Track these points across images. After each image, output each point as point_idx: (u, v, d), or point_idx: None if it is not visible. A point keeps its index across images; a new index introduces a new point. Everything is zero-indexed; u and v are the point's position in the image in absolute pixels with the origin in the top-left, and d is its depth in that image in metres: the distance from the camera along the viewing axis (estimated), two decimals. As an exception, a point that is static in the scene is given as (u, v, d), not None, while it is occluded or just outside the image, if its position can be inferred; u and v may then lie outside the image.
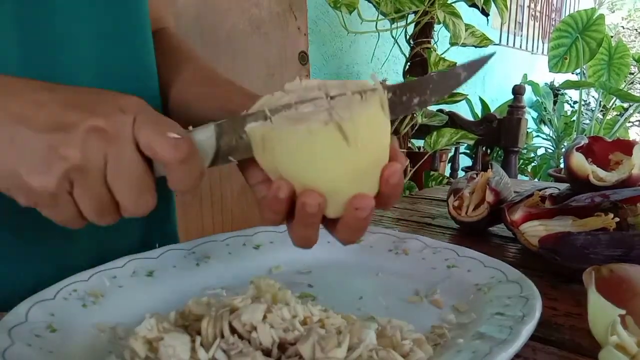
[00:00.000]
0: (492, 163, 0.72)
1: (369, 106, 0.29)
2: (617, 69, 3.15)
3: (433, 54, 1.85)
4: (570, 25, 2.81)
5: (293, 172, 0.30)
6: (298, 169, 0.29)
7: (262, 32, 1.38)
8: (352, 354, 0.29)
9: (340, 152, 0.28)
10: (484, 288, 0.43)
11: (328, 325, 0.32)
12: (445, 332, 0.37)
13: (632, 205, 0.53)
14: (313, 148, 0.28)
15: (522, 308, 0.36)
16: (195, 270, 0.47)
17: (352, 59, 2.36)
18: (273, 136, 0.29)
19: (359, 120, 0.28)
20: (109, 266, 0.43)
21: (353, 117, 0.28)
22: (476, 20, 2.15)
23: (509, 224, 0.56)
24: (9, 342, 0.31)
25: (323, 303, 0.41)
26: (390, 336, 0.33)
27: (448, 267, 0.48)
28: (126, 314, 0.39)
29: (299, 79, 0.33)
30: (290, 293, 0.36)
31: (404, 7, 1.78)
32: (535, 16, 4.37)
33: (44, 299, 0.37)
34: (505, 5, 1.92)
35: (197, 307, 0.34)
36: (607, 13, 5.66)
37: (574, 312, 0.43)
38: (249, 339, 0.30)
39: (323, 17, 2.13)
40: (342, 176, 0.29)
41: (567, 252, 0.48)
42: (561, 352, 0.36)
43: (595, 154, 0.60)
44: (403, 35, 1.94)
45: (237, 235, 0.53)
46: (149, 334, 0.30)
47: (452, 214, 0.66)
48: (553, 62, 2.83)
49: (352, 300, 0.44)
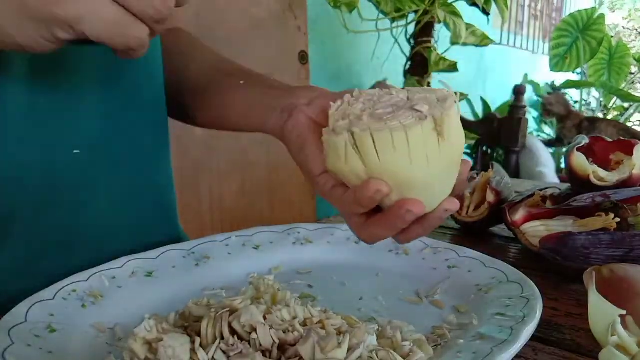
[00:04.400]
0: (492, 163, 0.72)
1: (450, 106, 0.30)
2: (617, 68, 3.15)
3: (433, 53, 1.85)
4: (570, 25, 2.81)
5: (388, 170, 0.30)
6: (394, 166, 0.30)
7: (262, 31, 1.38)
8: (352, 355, 0.29)
9: (436, 147, 0.30)
10: (485, 288, 0.43)
11: (328, 326, 0.32)
12: (446, 333, 0.36)
13: (633, 205, 0.53)
14: (411, 144, 0.29)
15: (522, 308, 0.36)
16: (194, 270, 0.47)
17: (352, 58, 2.35)
18: (364, 138, 0.30)
19: (448, 117, 0.30)
20: (108, 266, 0.43)
21: (444, 114, 0.29)
22: (477, 19, 2.15)
23: (510, 224, 0.56)
24: (9, 342, 0.31)
25: (323, 303, 0.42)
26: (390, 337, 0.33)
27: (448, 267, 0.48)
28: (125, 314, 0.39)
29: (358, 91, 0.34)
30: (290, 294, 0.36)
31: (404, 7, 1.78)
32: (536, 16, 4.37)
33: (43, 299, 0.37)
34: (505, 5, 1.92)
35: (197, 308, 0.34)
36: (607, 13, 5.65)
37: (574, 313, 0.43)
38: (248, 340, 0.30)
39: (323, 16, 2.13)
40: (437, 172, 0.31)
41: (568, 253, 0.48)
42: (562, 353, 0.36)
43: (596, 154, 0.60)
44: (403, 35, 1.94)
45: (237, 235, 0.53)
46: (148, 335, 0.30)
47: (453, 214, 0.66)
48: (554, 61, 2.83)
49: (352, 301, 0.44)
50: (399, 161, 0.30)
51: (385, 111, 0.31)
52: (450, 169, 0.32)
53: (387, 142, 0.29)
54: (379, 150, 0.30)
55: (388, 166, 0.30)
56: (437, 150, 0.30)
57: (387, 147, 0.29)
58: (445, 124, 0.29)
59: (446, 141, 0.30)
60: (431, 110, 0.30)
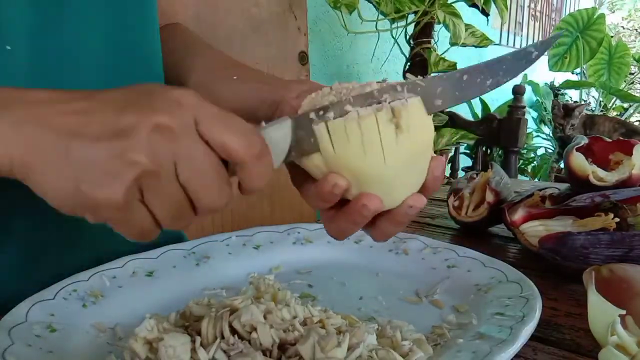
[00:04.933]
0: (492, 163, 0.72)
1: (414, 100, 0.30)
2: (617, 68, 3.15)
3: (433, 54, 1.85)
4: (570, 25, 2.82)
5: (343, 163, 0.30)
6: (352, 157, 0.29)
7: (262, 32, 1.38)
8: (352, 354, 0.29)
9: (393, 139, 0.29)
10: (484, 288, 0.43)
11: (328, 326, 0.32)
12: (446, 332, 0.37)
13: (632, 205, 0.53)
14: (365, 135, 0.29)
15: (522, 308, 0.36)
16: (195, 270, 0.47)
17: (352, 59, 2.35)
18: (321, 129, 0.29)
19: (406, 109, 0.29)
20: (108, 266, 0.43)
21: (404, 105, 0.29)
22: (476, 20, 2.15)
23: (509, 224, 0.56)
24: (9, 342, 0.31)
25: (323, 303, 0.42)
26: (390, 336, 0.33)
27: (448, 267, 0.48)
28: (126, 314, 0.39)
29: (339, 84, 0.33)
30: (290, 293, 0.36)
31: (404, 7, 1.78)
32: (536, 16, 4.37)
33: (44, 299, 0.37)
34: (505, 5, 1.92)
35: (198, 307, 0.34)
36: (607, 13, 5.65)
37: (574, 312, 0.43)
38: (249, 340, 0.30)
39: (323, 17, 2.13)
40: (395, 165, 0.30)
41: (567, 252, 0.48)
42: (561, 352, 0.36)
43: (596, 154, 0.60)
44: (403, 35, 1.94)
45: (237, 235, 0.53)
46: (148, 335, 0.30)
47: (452, 214, 0.66)
48: (553, 60, 2.83)
49: (352, 300, 0.44)
50: (352, 152, 0.29)
51: (351, 103, 0.30)
52: (413, 163, 0.31)
53: (340, 133, 0.29)
54: (334, 141, 0.29)
55: (342, 159, 0.29)
56: (393, 143, 0.29)
57: (341, 138, 0.29)
58: (404, 116, 0.29)
59: (405, 133, 0.29)
60: (393, 102, 0.29)
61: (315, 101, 0.32)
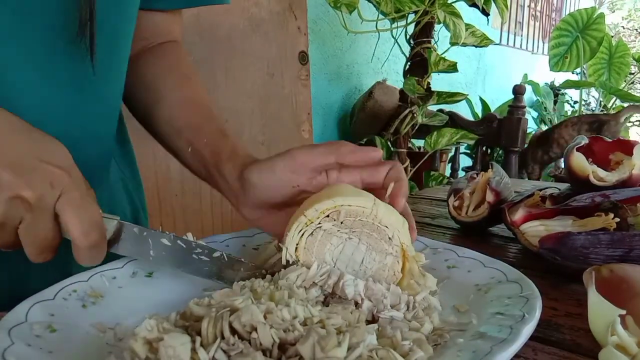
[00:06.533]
0: (492, 163, 0.72)
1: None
2: (617, 68, 3.15)
3: (433, 53, 1.85)
4: (570, 24, 2.81)
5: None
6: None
7: (262, 31, 1.38)
8: (352, 354, 0.29)
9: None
10: (484, 288, 0.43)
11: (328, 325, 0.32)
12: (445, 333, 0.36)
13: (632, 205, 0.53)
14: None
15: (522, 308, 0.36)
16: (195, 270, 0.47)
17: (352, 58, 2.36)
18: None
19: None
20: (108, 267, 0.43)
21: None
22: (476, 20, 2.15)
23: (509, 224, 0.56)
24: (9, 342, 0.31)
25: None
26: (390, 336, 0.33)
27: (448, 267, 0.48)
28: (126, 314, 0.39)
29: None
30: (287, 293, 0.36)
31: (404, 7, 1.78)
32: (536, 16, 4.38)
33: (44, 299, 0.37)
34: (505, 5, 1.92)
35: (198, 307, 0.34)
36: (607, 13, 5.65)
37: (574, 312, 0.43)
38: (249, 340, 0.30)
39: (323, 16, 2.13)
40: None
41: (568, 252, 0.48)
42: (561, 352, 0.36)
43: (596, 154, 0.60)
44: (403, 35, 1.94)
45: (236, 236, 0.53)
46: (149, 335, 0.30)
47: (452, 214, 0.66)
48: (553, 60, 2.83)
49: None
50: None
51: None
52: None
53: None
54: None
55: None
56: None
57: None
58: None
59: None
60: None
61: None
